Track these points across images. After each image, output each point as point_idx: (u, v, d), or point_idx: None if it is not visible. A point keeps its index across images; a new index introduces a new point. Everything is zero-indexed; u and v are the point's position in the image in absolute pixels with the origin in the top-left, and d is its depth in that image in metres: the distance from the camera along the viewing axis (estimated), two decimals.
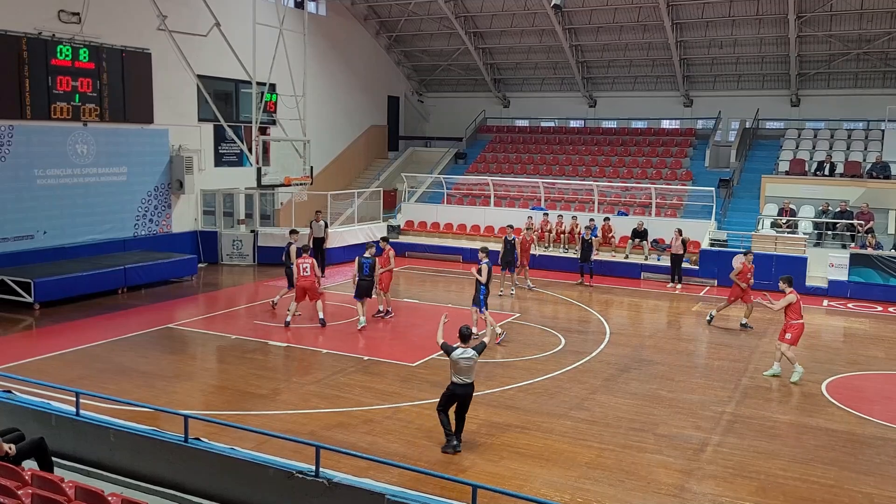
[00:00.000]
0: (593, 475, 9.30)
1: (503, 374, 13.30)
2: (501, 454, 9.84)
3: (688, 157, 28.97)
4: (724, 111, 29.74)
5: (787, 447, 10.38)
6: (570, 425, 10.94)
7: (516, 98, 34.58)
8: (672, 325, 18.08)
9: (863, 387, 13.28)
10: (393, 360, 13.96)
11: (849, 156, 26.15)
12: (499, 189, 28.48)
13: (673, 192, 26.43)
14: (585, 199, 27.26)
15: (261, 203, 25.03)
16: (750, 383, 13.22)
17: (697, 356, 15.65)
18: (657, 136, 31.15)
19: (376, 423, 10.84)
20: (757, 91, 29.32)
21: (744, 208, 25.47)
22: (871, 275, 20.83)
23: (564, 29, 29.64)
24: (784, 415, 11.68)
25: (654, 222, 24.79)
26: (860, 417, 11.62)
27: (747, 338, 16.51)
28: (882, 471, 9.73)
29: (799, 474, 9.53)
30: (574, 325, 17.54)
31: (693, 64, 29.86)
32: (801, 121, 28.86)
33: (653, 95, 31.20)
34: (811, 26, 26.28)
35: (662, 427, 10.98)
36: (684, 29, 28.33)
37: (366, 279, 16.20)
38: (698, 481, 9.28)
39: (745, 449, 10.28)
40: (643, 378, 13.33)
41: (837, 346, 16.45)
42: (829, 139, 27.53)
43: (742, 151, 28.03)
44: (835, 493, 9.04)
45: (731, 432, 10.86)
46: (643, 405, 11.90)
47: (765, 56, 28.32)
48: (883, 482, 9.37)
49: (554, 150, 31.42)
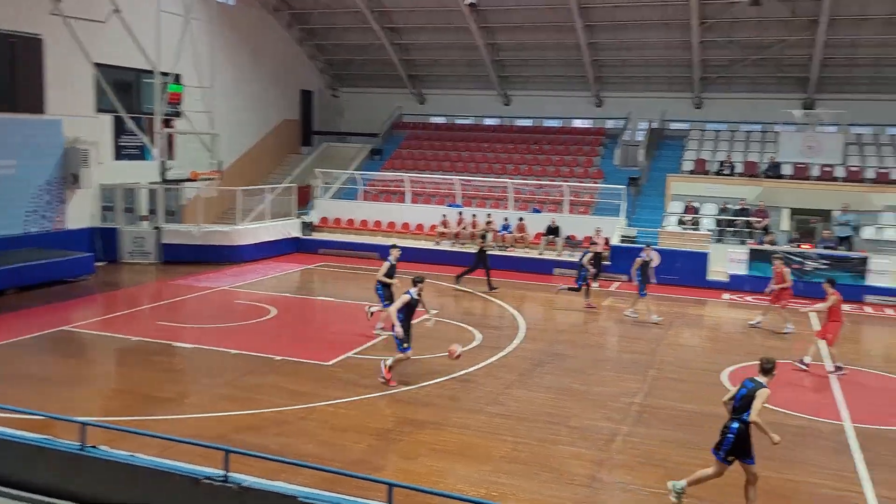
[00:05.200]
0: (508, 469, 9.38)
1: (420, 371, 13.24)
2: (418, 451, 9.79)
3: (599, 156, 29.71)
4: (632, 112, 30.66)
5: (691, 435, 10.74)
6: (485, 420, 11.00)
7: (432, 95, 34.61)
8: (583, 320, 18.48)
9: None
10: (307, 359, 13.70)
11: (747, 156, 27.43)
12: (415, 186, 28.45)
13: (585, 190, 27.05)
14: (500, 196, 27.55)
15: (165, 199, 24.09)
16: (657, 374, 13.64)
17: (608, 350, 16.07)
18: (570, 134, 31.81)
19: (289, 424, 10.60)
20: (663, 93, 30.34)
21: (651, 206, 26.33)
22: (767, 269, 21.84)
23: (480, 27, 29.85)
24: (688, 404, 12.09)
25: (567, 219, 25.30)
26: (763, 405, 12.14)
27: (656, 331, 17.04)
28: (780, 455, 10.17)
29: (703, 460, 9.82)
30: (489, 320, 17.69)
31: (604, 65, 30.63)
32: (703, 122, 30.08)
33: (565, 95, 31.83)
34: (713, 32, 27.38)
35: (575, 419, 11.19)
36: (595, 31, 29.01)
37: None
38: (609, 471, 9.50)
39: (653, 438, 10.59)
40: (557, 372, 13.56)
41: (737, 338, 17.20)
42: (729, 140, 28.80)
43: (650, 151, 28.97)
44: (735, 478, 9.37)
45: (640, 422, 11.18)
46: (557, 398, 12.11)
47: (671, 59, 29.34)
48: (781, 466, 9.81)
49: (470, 148, 31.63)
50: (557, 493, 8.76)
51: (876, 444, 10.66)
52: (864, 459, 10.07)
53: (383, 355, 14.00)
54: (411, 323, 12.72)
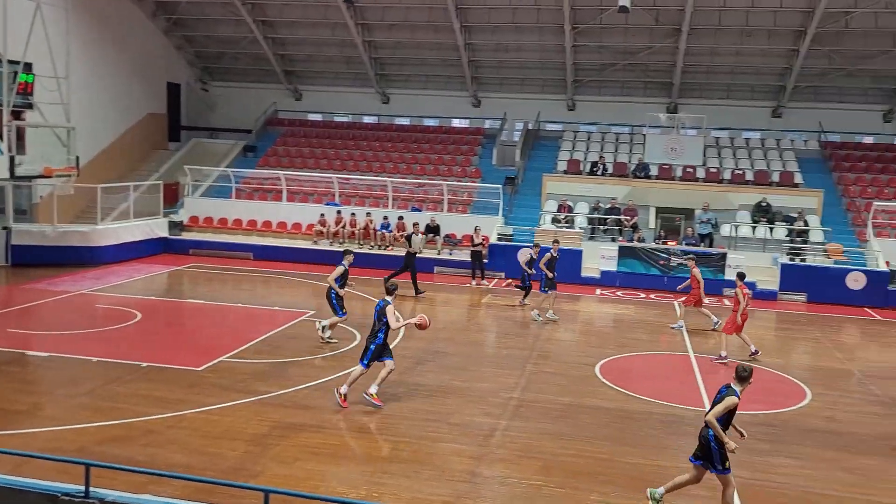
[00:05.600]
0: (390, 468, 9.27)
1: (297, 373, 12.91)
2: (296, 455, 9.51)
3: (477, 156, 30.14)
4: (509, 112, 31.33)
5: (567, 427, 11.05)
6: (366, 421, 10.85)
7: (309, 91, 33.96)
8: (464, 318, 18.65)
9: (630, 367, 14.51)
10: (176, 365, 13.01)
11: (617, 157, 28.65)
12: (291, 184, 27.78)
13: (463, 189, 27.35)
14: (380, 194, 27.40)
15: (15, 196, 22.25)
16: (534, 369, 13.94)
17: (488, 346, 16.29)
18: (448, 134, 32.10)
19: (157, 433, 10.02)
20: (538, 94, 31.20)
21: (528, 204, 26.98)
22: (636, 265, 22.95)
23: (357, 24, 29.56)
24: (564, 397, 12.42)
25: (446, 218, 25.49)
26: (628, 395, 12.67)
27: (534, 327, 17.43)
28: (648, 442, 10.66)
29: (577, 451, 10.18)
30: (369, 320, 17.45)
31: (481, 66, 31.12)
32: (576, 123, 31.16)
33: (444, 94, 32.09)
34: (585, 37, 28.41)
35: (456, 416, 11.23)
36: (473, 32, 29.41)
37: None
38: (488, 465, 9.60)
39: (531, 431, 10.80)
40: (437, 370, 13.59)
41: (608, 331, 17.91)
42: (600, 141, 30.00)
43: (526, 151, 29.69)
44: (607, 466, 9.76)
45: (518, 416, 11.37)
46: (437, 396, 12.12)
47: (545, 62, 30.20)
48: (649, 452, 10.26)
49: (348, 146, 31.26)
50: (438, 490, 8.74)
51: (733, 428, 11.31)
52: None
53: (256, 359, 13.58)
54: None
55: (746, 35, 27.20)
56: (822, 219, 24.70)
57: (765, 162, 27.83)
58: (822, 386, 13.61)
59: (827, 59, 27.42)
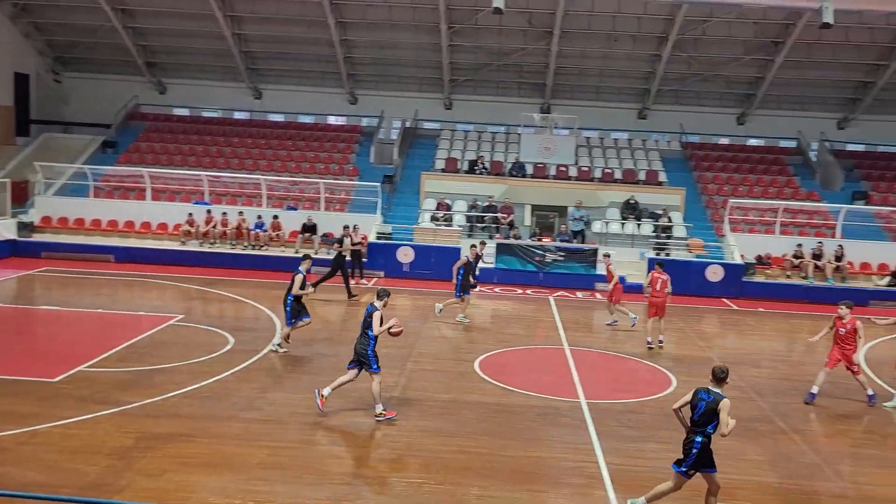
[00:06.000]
0: (266, 475, 8.90)
1: (165, 380, 12.18)
2: (164, 467, 8.94)
3: (354, 154, 29.78)
4: (386, 110, 31.16)
5: (447, 424, 11.03)
6: (240, 427, 10.38)
7: (174, 85, 32.37)
8: (344, 317, 18.32)
9: (508, 362, 14.71)
10: (28, 377, 11.96)
11: (493, 156, 29.11)
12: (156, 182, 26.33)
13: (340, 188, 26.92)
14: (253, 193, 26.50)
15: None
16: (414, 367, 13.86)
17: None
18: (324, 131, 31.52)
19: (8, 451, 9.15)
20: (416, 93, 31.22)
21: (406, 203, 26.93)
22: (513, 262, 23.39)
23: (226, 16, 28.45)
24: (445, 394, 12.41)
25: (323, 217, 25.01)
26: (506, 389, 12.82)
27: (413, 324, 17.34)
28: (525, 435, 10.81)
29: (458, 447, 10.17)
30: (244, 323, 16.87)
31: (357, 63, 30.76)
32: (453, 122, 31.42)
33: (320, 91, 31.48)
34: (460, 37, 28.68)
35: (334, 418, 10.96)
36: (348, 28, 29.01)
37: None
38: (369, 466, 9.45)
39: (411, 429, 10.69)
40: (316, 371, 13.24)
41: (487, 327, 18.12)
42: (477, 140, 30.39)
43: (404, 149, 29.63)
44: (487, 460, 9.81)
45: (399, 415, 11.23)
46: (315, 399, 11.78)
47: (422, 61, 30.25)
48: (527, 445, 10.40)
49: (218, 142, 30.04)
50: (317, 494, 8.47)
51: (605, 417, 11.70)
52: (597, 432, 11.00)
53: (119, 367, 12.74)
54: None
55: (613, 40, 28.35)
56: (685, 215, 26.12)
57: (632, 161, 29.12)
58: (685, 373, 14.30)
59: (686, 64, 29.03)
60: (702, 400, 8.09)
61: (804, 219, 26.24)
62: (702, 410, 8.04)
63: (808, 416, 12.20)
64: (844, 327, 12.82)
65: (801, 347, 17.97)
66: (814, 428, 11.67)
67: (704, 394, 8.15)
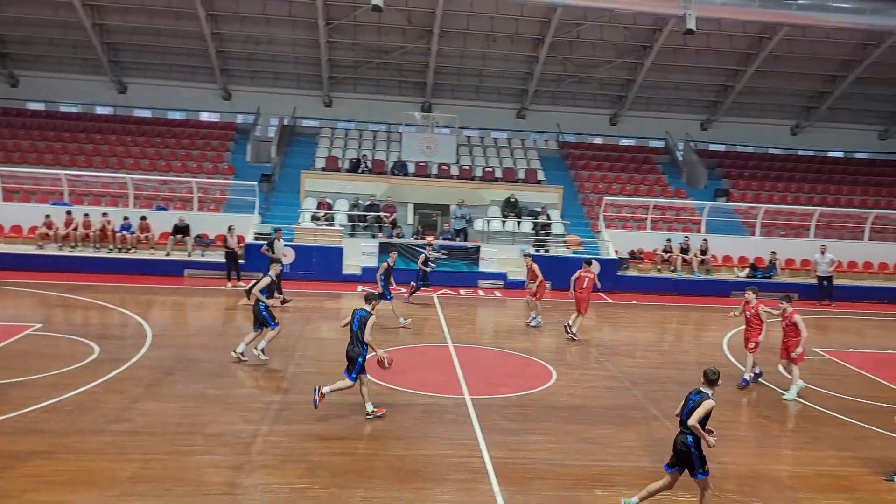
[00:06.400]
0: (137, 489, 8.36)
1: (22, 395, 11.24)
2: (23, 487, 8.23)
3: (229, 151, 28.73)
4: (263, 107, 30.27)
5: (332, 426, 10.79)
6: (108, 441, 9.71)
7: (27, 77, 30.14)
8: (219, 322, 17.61)
9: (392, 360, 14.54)
10: None
11: (375, 154, 28.89)
12: (8, 181, 24.37)
13: (215, 187, 25.90)
14: (118, 192, 25.03)
15: None
16: (297, 370, 13.49)
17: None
18: (196, 128, 30.24)
19: None
20: (294, 90, 30.51)
21: (286, 202, 26.26)
22: (396, 261, 23.16)
23: (85, 5, 26.71)
24: (328, 396, 12.11)
25: (197, 217, 23.99)
26: (391, 388, 12.70)
27: (294, 326, 16.90)
28: (411, 433, 10.73)
29: (342, 449, 9.96)
30: (110, 330, 15.86)
31: (231, 57, 29.70)
32: (334, 120, 30.94)
33: (191, 86, 30.18)
34: (339, 34, 28.26)
35: (212, 426, 10.48)
36: (220, 21, 27.96)
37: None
38: (248, 474, 9.05)
39: (294, 434, 10.39)
40: (190, 379, 12.62)
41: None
42: (359, 139, 30.07)
43: (282, 147, 28.89)
44: (372, 461, 9.66)
45: (281, 420, 10.89)
46: (190, 407, 11.23)
47: (299, 57, 29.59)
48: (412, 443, 10.32)
49: (78, 139, 28.17)
50: None
51: (489, 412, 11.81)
52: (481, 427, 11.07)
53: None
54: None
55: (492, 40, 28.81)
56: (562, 213, 26.91)
57: (512, 160, 29.71)
58: (565, 366, 14.69)
59: (562, 66, 29.92)
60: (690, 400, 8.30)
61: (672, 215, 27.64)
62: (689, 409, 8.22)
63: (678, 403, 12.73)
64: (750, 311, 13.93)
65: (671, 338, 18.89)
66: None
67: (695, 395, 8.33)
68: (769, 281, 24.70)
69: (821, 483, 9.85)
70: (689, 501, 8.91)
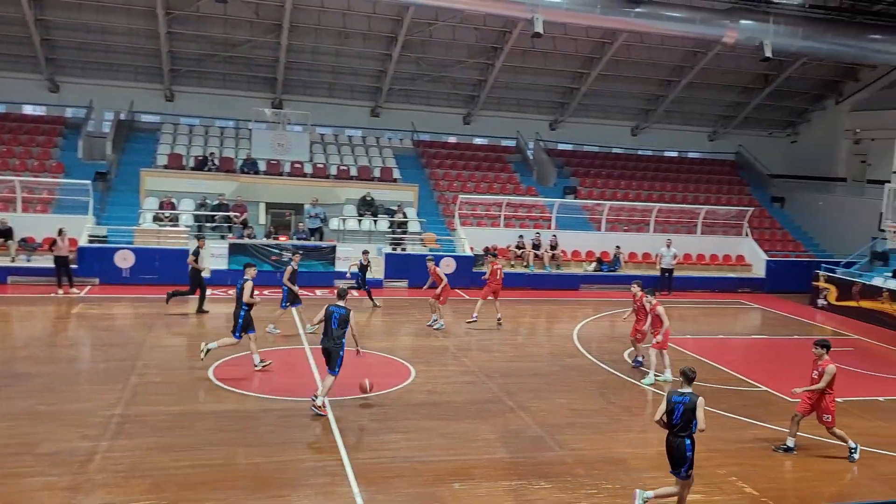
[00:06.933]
0: None
1: None
2: None
3: (58, 148, 26.43)
4: (96, 100, 28.07)
5: (179, 437, 10.24)
6: None
7: None
8: (50, 332, 16.22)
9: (246, 366, 14.00)
10: None
11: (223, 152, 27.67)
12: None
13: (42, 186, 23.77)
14: None
15: None
16: (139, 380, 12.65)
17: (81, 361, 14.34)
18: (19, 122, 27.60)
19: None
20: (131, 83, 28.56)
21: (124, 202, 24.55)
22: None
23: None
24: (176, 406, 11.48)
25: (21, 220, 21.96)
26: (245, 395, 12.20)
27: (136, 334, 15.85)
28: (266, 440, 10.33)
29: (192, 461, 9.46)
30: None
31: (58, 46, 27.36)
32: (176, 116, 29.31)
33: (11, 76, 27.46)
34: (182, 24, 26.79)
35: (44, 445, 9.65)
36: (45, 7, 25.71)
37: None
38: (87, 494, 8.40)
39: (138, 448, 9.76)
40: (17, 395, 11.52)
41: (222, 332, 16.81)
42: (204, 135, 28.68)
43: (119, 144, 27.01)
44: (226, 471, 9.23)
45: (122, 434, 10.19)
46: (19, 425, 10.30)
47: (137, 48, 27.74)
48: (269, 450, 9.95)
49: None
50: None
51: (348, 412, 11.63)
52: (339, 429, 10.86)
53: None
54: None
55: (345, 37, 28.40)
56: (418, 211, 26.99)
57: (367, 158, 29.45)
58: (423, 363, 14.71)
59: (416, 64, 30.01)
60: (678, 403, 8.28)
61: (524, 212, 28.48)
62: (681, 412, 8.23)
63: (533, 395, 13.12)
64: (636, 303, 14.87)
65: (525, 331, 19.42)
66: (537, 404, 12.55)
67: (678, 397, 8.33)
68: (614, 274, 26.01)
69: (662, 462, 10.37)
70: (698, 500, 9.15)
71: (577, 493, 9.24)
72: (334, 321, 11.36)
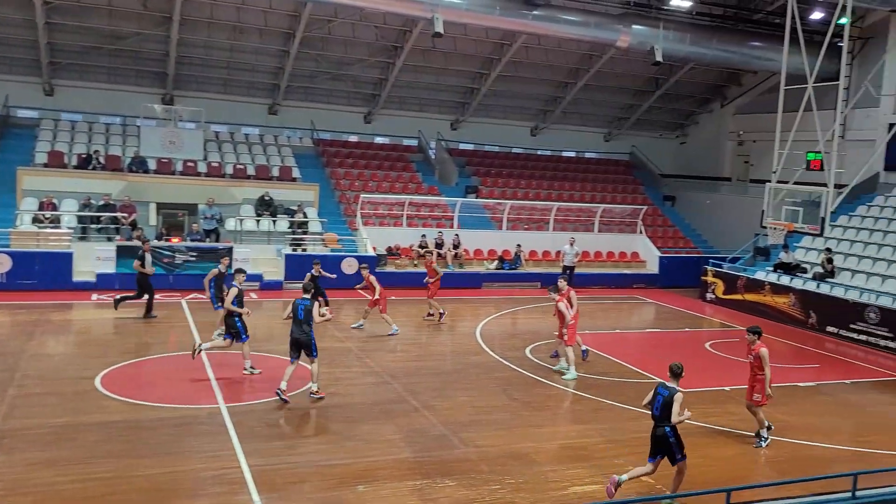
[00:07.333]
0: None
1: None
2: None
3: None
4: None
5: (64, 451, 9.64)
6: None
7: None
8: None
9: (137, 374, 13.36)
10: None
11: (109, 150, 26.28)
12: None
13: None
14: None
15: None
16: (18, 393, 11.81)
17: None
18: None
19: None
20: (5, 75, 26.69)
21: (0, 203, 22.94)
22: None
23: None
24: (58, 418, 10.79)
25: None
26: (135, 404, 11.60)
27: (14, 343, 14.79)
28: (161, 450, 9.85)
29: (78, 475, 8.92)
30: None
31: None
32: (57, 111, 27.60)
33: None
34: (61, 15, 25.24)
35: None
36: None
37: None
38: None
39: (17, 464, 9.12)
40: None
41: (110, 339, 16.24)
42: (88, 132, 27.16)
43: None
44: (115, 485, 8.74)
45: (0, 450, 9.44)
46: None
47: (11, 38, 25.91)
48: (162, 460, 9.49)
49: None
50: None
51: (247, 418, 11.23)
52: (238, 435, 10.48)
53: None
54: None
55: (239, 32, 27.54)
56: (319, 210, 26.48)
57: (265, 157, 28.67)
58: (326, 364, 14.38)
59: (315, 62, 29.46)
60: (659, 395, 8.93)
61: (427, 211, 28.47)
62: (660, 404, 8.87)
63: (437, 393, 13.08)
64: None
65: (429, 330, 19.39)
66: (441, 403, 12.52)
67: (662, 389, 8.97)
68: (515, 272, 26.40)
69: (563, 455, 10.61)
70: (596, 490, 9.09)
71: (482, 489, 9.24)
72: (301, 313, 12.09)
